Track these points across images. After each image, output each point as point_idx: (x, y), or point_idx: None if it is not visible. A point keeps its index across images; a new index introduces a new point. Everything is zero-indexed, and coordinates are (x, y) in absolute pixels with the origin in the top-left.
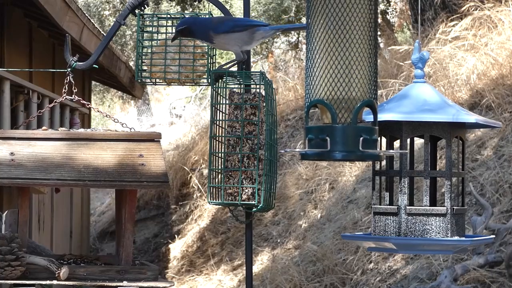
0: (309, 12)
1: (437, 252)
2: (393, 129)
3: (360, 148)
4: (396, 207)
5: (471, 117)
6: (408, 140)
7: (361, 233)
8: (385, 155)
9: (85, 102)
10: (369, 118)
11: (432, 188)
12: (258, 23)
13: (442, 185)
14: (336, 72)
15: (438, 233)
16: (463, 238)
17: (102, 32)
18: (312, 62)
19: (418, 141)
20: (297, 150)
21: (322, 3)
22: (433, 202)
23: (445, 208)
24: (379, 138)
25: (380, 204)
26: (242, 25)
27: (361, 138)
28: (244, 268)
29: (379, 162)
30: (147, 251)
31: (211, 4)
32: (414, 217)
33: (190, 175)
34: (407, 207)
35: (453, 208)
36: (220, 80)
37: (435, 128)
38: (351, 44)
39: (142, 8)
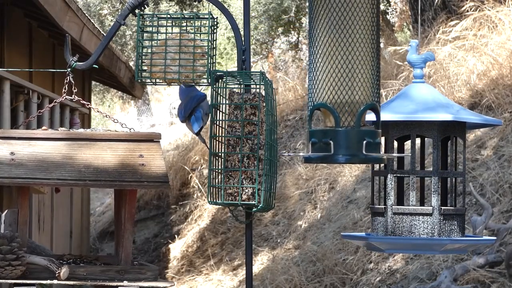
0: (311, 15)
1: (455, 252)
2: (422, 129)
3: (364, 152)
4: (431, 208)
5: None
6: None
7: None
8: (389, 158)
9: (85, 102)
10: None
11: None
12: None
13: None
14: (339, 76)
15: (458, 233)
16: (489, 237)
17: (102, 32)
18: (314, 65)
19: (418, 142)
20: (301, 154)
21: (324, 7)
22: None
23: (465, 208)
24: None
25: (404, 205)
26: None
27: (364, 142)
28: (244, 268)
29: (391, 162)
30: (147, 251)
31: (211, 4)
32: (445, 217)
33: (190, 175)
34: (442, 207)
35: (466, 208)
36: (220, 80)
37: (457, 129)
38: (353, 47)
39: (142, 8)
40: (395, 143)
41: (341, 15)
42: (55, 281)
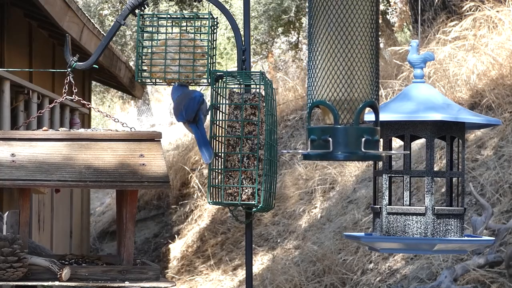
0: (311, 13)
1: (454, 252)
2: (416, 129)
3: (362, 149)
4: (424, 207)
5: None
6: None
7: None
8: (387, 155)
9: (85, 102)
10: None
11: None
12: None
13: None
14: (338, 73)
15: (456, 233)
16: (487, 238)
17: (102, 32)
18: (314, 63)
19: (418, 141)
20: (300, 151)
21: (323, 5)
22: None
23: (462, 208)
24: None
25: (396, 205)
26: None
27: (363, 139)
28: (244, 268)
29: (386, 162)
30: (147, 251)
31: (211, 4)
32: (439, 217)
33: (190, 175)
34: (435, 207)
35: (465, 208)
36: (220, 80)
37: (454, 129)
38: (353, 45)
39: (142, 8)
40: (401, 143)
41: (341, 13)
42: (56, 283)
